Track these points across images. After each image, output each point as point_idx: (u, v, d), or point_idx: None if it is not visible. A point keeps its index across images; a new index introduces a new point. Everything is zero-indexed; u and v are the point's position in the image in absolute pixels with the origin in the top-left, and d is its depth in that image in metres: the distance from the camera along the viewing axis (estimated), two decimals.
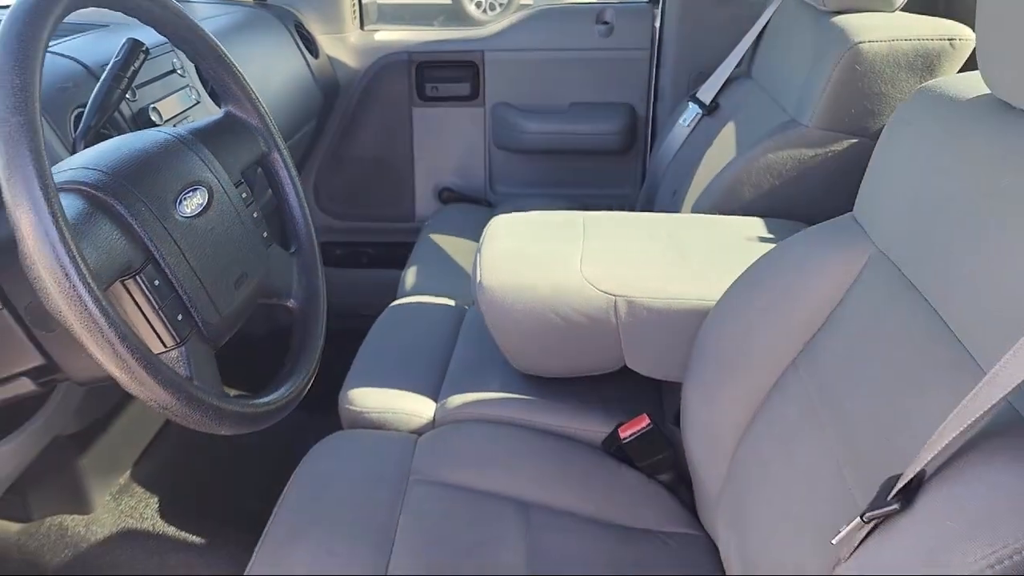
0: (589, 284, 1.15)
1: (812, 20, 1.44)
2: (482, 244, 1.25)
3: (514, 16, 2.11)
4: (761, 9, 1.73)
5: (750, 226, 1.30)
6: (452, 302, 1.51)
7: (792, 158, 1.36)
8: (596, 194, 2.14)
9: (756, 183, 1.39)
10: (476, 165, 2.20)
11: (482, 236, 1.28)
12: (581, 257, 1.20)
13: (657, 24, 2.00)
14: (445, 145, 2.19)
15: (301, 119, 1.87)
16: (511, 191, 2.20)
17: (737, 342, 1.01)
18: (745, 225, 1.31)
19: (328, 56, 2.09)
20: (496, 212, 1.74)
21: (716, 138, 1.62)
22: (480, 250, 1.24)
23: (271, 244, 0.92)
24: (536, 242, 1.26)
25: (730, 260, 1.14)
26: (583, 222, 1.32)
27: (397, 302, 1.51)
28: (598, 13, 2.06)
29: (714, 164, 1.51)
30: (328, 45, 2.10)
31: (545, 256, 1.21)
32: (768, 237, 1.26)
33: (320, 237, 1.01)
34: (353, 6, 2.15)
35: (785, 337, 0.95)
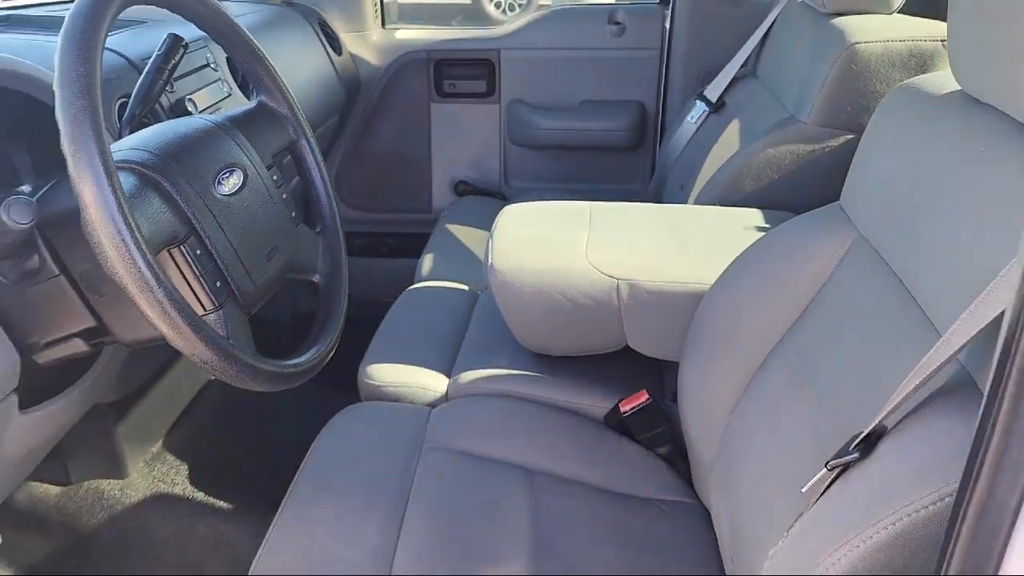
0: (593, 268, 1.23)
1: (813, 21, 1.51)
2: (494, 230, 1.33)
3: (529, 16, 2.18)
4: (767, 11, 1.79)
5: (747, 216, 1.37)
6: (466, 287, 1.59)
7: (791, 153, 1.43)
8: (607, 188, 2.21)
9: (756, 176, 1.46)
10: (491, 160, 2.28)
11: (494, 223, 1.35)
12: (587, 243, 1.27)
13: (667, 25, 2.07)
14: (462, 140, 2.27)
15: (324, 114, 1.95)
16: (525, 185, 2.27)
17: (729, 322, 1.08)
18: (743, 215, 1.38)
19: (351, 53, 2.17)
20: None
21: (721, 134, 1.69)
22: (492, 236, 1.31)
23: (299, 223, 1.00)
24: (545, 229, 1.33)
25: (726, 247, 1.21)
26: (590, 211, 1.39)
27: (414, 286, 1.59)
28: (610, 14, 2.13)
29: (718, 159, 1.57)
30: (351, 43, 2.18)
31: (553, 242, 1.29)
32: (764, 226, 1.33)
33: (342, 227, 1.09)
34: (375, 5, 2.23)
35: (774, 317, 1.02)
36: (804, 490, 0.72)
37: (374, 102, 2.23)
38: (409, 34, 2.23)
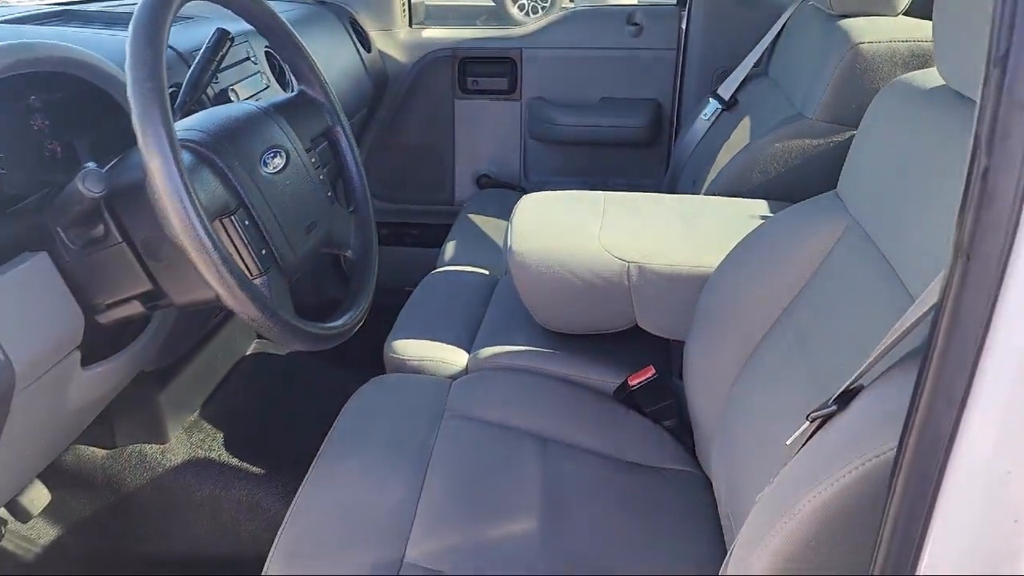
0: (606, 251, 1.31)
1: (821, 23, 1.58)
2: (514, 216, 1.41)
3: (551, 16, 2.27)
4: (779, 12, 1.86)
5: (753, 206, 1.45)
6: (486, 271, 1.67)
7: (797, 147, 1.50)
8: (623, 183, 2.28)
9: (764, 169, 1.53)
10: (512, 154, 2.36)
11: (514, 209, 1.44)
12: (600, 228, 1.36)
13: (683, 26, 2.14)
14: (484, 135, 2.35)
15: (354, 107, 2.04)
16: (544, 179, 2.35)
17: (732, 302, 1.15)
18: (748, 205, 1.46)
19: (379, 51, 2.27)
20: None
21: (733, 131, 1.76)
22: (512, 221, 1.40)
23: (334, 202, 1.09)
24: (561, 215, 1.42)
25: (731, 233, 1.28)
26: (604, 200, 1.47)
27: (437, 270, 1.68)
28: (629, 15, 2.21)
29: (729, 154, 1.65)
30: (380, 40, 2.28)
31: (568, 227, 1.37)
32: (767, 215, 1.40)
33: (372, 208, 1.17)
34: (403, 5, 2.32)
35: (773, 296, 1.09)
36: (789, 442, 0.79)
37: (401, 97, 2.32)
38: (435, 33, 2.32)
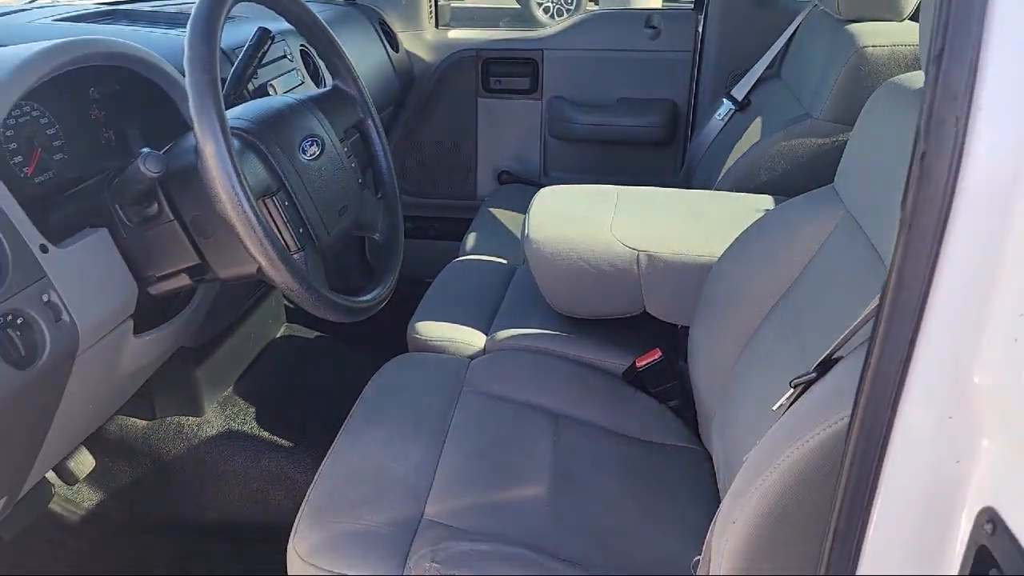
0: (617, 240, 1.39)
1: (829, 27, 1.65)
2: (531, 207, 1.50)
3: (572, 19, 2.35)
4: (792, 17, 1.93)
5: (757, 201, 1.52)
6: (505, 261, 1.76)
7: (803, 145, 1.57)
8: (639, 181, 2.36)
9: (771, 167, 1.61)
10: (532, 151, 2.44)
11: (531, 201, 1.52)
12: (612, 219, 1.44)
13: (700, 29, 2.22)
14: (506, 133, 2.44)
15: (381, 104, 2.14)
16: (563, 175, 2.43)
17: (734, 288, 1.23)
18: (754, 199, 1.53)
19: (406, 50, 2.36)
20: None
21: (745, 130, 1.83)
22: (529, 212, 1.48)
23: (364, 188, 1.18)
24: (575, 206, 1.50)
25: (735, 225, 1.35)
26: (616, 193, 1.55)
27: (459, 259, 1.77)
28: (647, 18, 2.28)
29: (740, 152, 1.72)
30: (407, 41, 2.37)
31: (582, 217, 1.46)
32: (771, 209, 1.47)
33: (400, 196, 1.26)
34: (430, 7, 2.42)
35: (771, 283, 1.17)
36: (775, 408, 0.87)
37: (426, 96, 2.41)
38: (460, 34, 2.42)
